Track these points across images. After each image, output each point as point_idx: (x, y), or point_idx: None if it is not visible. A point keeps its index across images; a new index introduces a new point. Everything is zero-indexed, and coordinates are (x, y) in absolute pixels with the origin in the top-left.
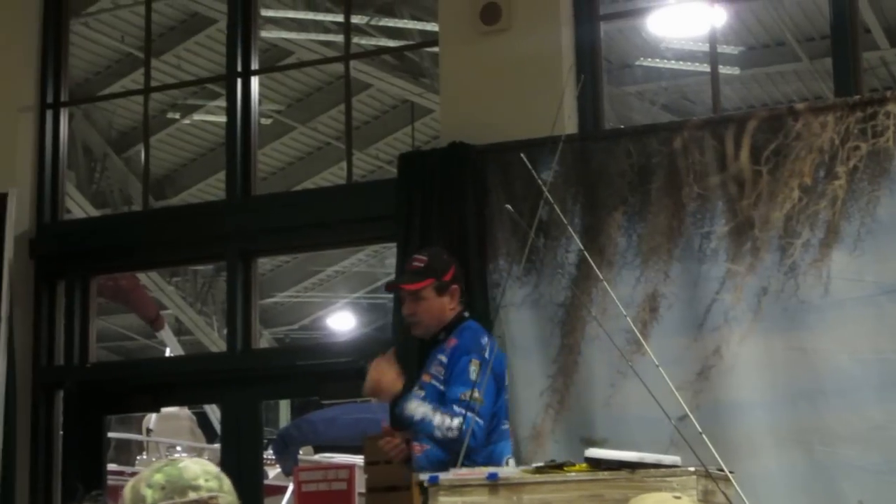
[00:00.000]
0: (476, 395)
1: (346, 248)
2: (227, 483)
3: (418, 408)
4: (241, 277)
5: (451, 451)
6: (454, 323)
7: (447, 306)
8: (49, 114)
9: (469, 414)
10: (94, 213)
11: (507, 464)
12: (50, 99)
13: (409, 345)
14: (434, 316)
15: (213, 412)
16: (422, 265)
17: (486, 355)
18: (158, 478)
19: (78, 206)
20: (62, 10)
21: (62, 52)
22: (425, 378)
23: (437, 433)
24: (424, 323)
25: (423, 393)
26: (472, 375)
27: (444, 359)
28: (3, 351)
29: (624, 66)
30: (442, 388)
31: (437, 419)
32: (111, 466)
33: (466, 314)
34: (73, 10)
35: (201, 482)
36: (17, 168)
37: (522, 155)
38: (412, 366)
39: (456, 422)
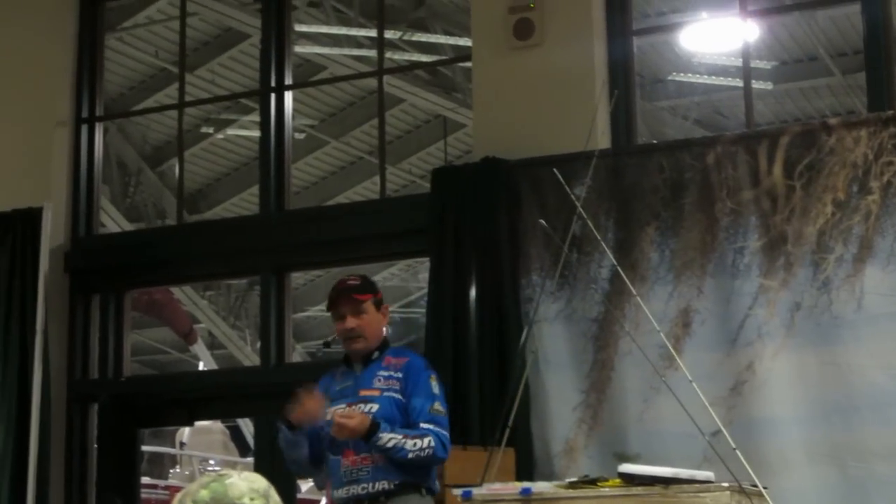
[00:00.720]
0: (438, 407)
1: (378, 262)
2: (274, 500)
3: (390, 437)
4: (275, 291)
5: (418, 466)
6: (384, 343)
7: (381, 323)
8: (84, 128)
9: (436, 429)
10: (129, 227)
11: None
12: (85, 113)
13: (443, 360)
14: (374, 331)
15: (247, 426)
16: (358, 282)
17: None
18: (204, 494)
19: (112, 221)
20: (97, 26)
21: (97, 67)
22: (370, 392)
23: (411, 455)
24: (367, 337)
25: (376, 406)
26: (435, 389)
27: (396, 374)
28: (39, 364)
29: (657, 81)
30: (402, 398)
31: (409, 443)
32: (144, 479)
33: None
34: (108, 26)
35: (245, 501)
36: (52, 182)
37: (555, 170)
38: (446, 378)
39: (426, 441)
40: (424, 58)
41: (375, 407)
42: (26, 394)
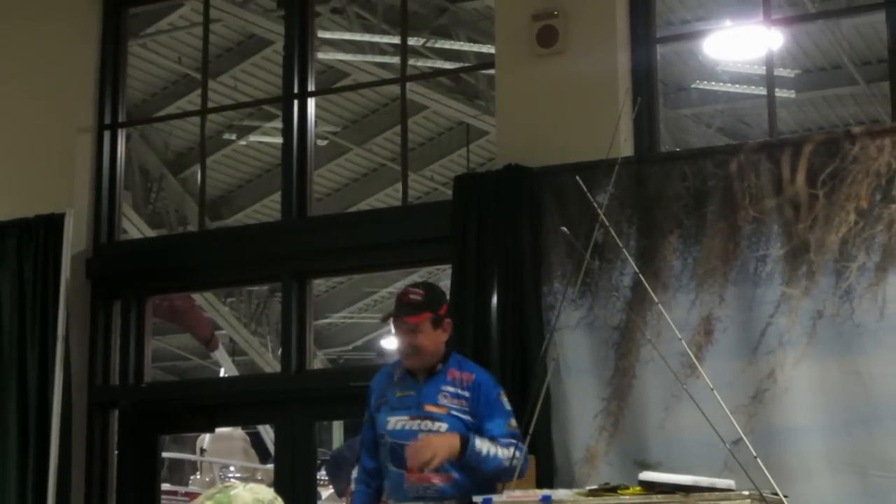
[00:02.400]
0: (514, 423)
1: (400, 269)
2: None
3: (483, 445)
4: (296, 298)
5: (493, 481)
6: (446, 355)
7: (441, 339)
8: (107, 135)
9: (519, 443)
10: (150, 233)
11: None
12: (108, 120)
13: None
14: (433, 349)
15: (267, 432)
16: (420, 298)
17: None
18: None
19: (134, 227)
20: (120, 32)
21: (120, 74)
22: (436, 409)
23: (506, 464)
24: (423, 354)
25: (445, 425)
26: (507, 406)
27: (463, 393)
28: (60, 370)
29: (680, 88)
30: (468, 419)
31: (501, 452)
32: (165, 486)
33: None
34: (130, 32)
35: None
36: (74, 188)
37: (578, 178)
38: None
39: (513, 451)
40: (448, 65)
41: (444, 426)
42: (47, 400)
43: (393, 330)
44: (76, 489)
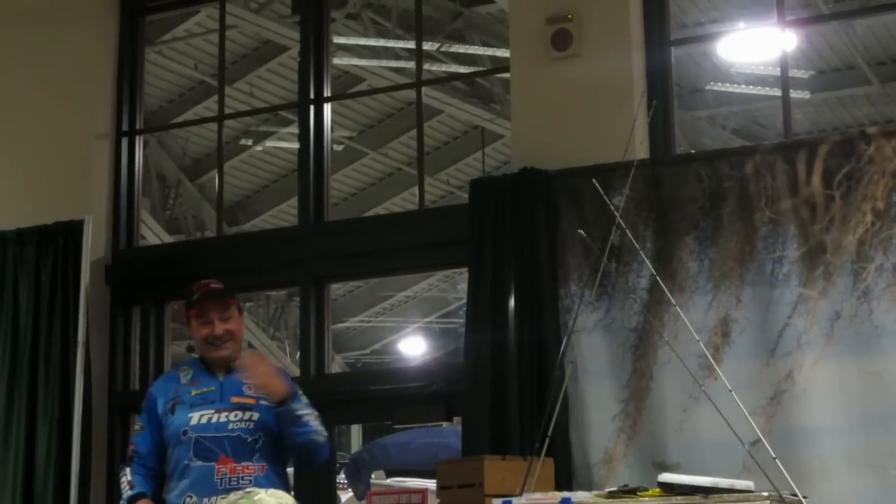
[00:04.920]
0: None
1: (417, 273)
2: None
3: (303, 409)
4: (314, 302)
5: (305, 457)
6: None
7: (242, 327)
8: (124, 141)
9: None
10: (169, 239)
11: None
12: (125, 126)
13: (482, 370)
14: (240, 336)
15: None
16: (221, 285)
17: None
18: None
19: (152, 233)
20: (137, 39)
21: (137, 81)
22: (246, 400)
23: (314, 437)
24: (237, 341)
25: (257, 414)
26: (300, 390)
27: None
28: (80, 376)
29: (694, 90)
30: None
31: (314, 424)
32: None
33: None
34: (147, 39)
35: None
36: (93, 195)
37: (594, 180)
38: (485, 389)
39: (322, 428)
40: (462, 69)
41: (256, 415)
42: (68, 405)
43: (195, 324)
44: (97, 494)
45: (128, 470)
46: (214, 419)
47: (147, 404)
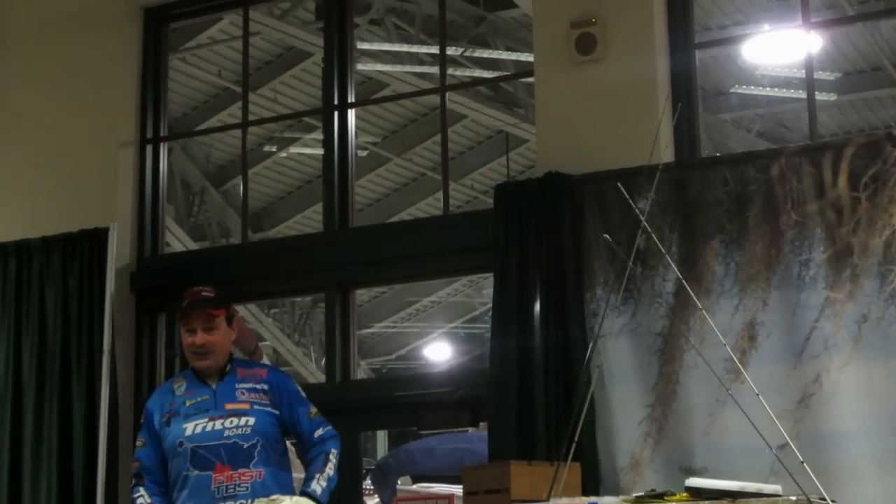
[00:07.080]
0: (314, 410)
1: (442, 278)
2: None
3: (319, 484)
4: (339, 308)
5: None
6: (230, 356)
7: (231, 338)
8: (149, 148)
9: (331, 431)
10: (193, 246)
11: None
12: (150, 134)
13: (508, 375)
14: (226, 347)
15: None
16: (213, 294)
17: None
18: None
19: (177, 240)
20: (161, 47)
21: (161, 88)
22: (239, 405)
23: (336, 476)
24: (219, 354)
25: (252, 419)
26: (303, 394)
27: (261, 386)
28: (106, 383)
29: (719, 93)
30: (275, 411)
31: (330, 470)
32: None
33: None
34: (171, 46)
35: None
36: (117, 202)
37: (619, 184)
38: (511, 394)
39: (333, 457)
40: (486, 74)
41: (251, 420)
42: (94, 412)
43: (182, 330)
44: (123, 502)
45: (142, 490)
46: (209, 427)
47: (145, 419)
